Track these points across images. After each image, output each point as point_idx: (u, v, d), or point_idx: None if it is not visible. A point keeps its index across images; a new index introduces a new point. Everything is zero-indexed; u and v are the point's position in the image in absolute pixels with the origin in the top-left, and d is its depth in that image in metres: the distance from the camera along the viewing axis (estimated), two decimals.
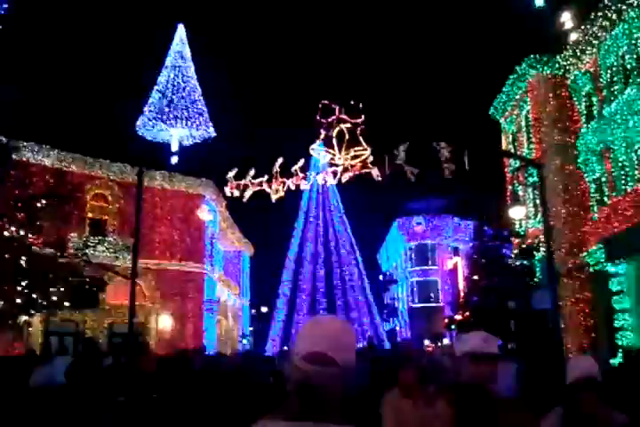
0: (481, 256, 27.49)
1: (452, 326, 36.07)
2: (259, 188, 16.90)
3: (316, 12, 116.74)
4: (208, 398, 5.72)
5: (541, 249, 22.54)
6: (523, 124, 27.06)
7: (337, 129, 14.65)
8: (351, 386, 1.85)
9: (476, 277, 27.98)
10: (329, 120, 14.45)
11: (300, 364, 1.82)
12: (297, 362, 1.83)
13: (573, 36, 23.76)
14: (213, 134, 39.22)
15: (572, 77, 24.21)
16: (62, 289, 16.54)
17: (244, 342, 48.23)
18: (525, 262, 24.45)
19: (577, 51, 23.39)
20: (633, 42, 19.97)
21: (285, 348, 49.07)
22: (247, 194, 16.79)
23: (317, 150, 15.30)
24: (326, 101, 14.50)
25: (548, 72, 24.72)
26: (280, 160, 19.60)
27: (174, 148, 38.19)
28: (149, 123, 37.45)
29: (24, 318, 17.73)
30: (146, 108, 37.98)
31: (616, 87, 21.04)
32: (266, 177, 16.95)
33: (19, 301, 15.35)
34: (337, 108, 14.36)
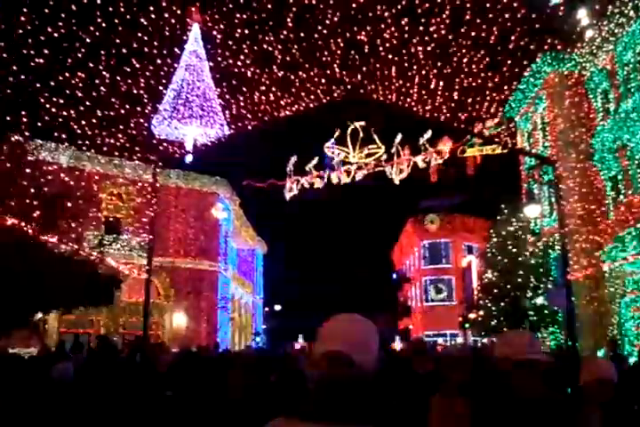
0: (495, 255, 27.34)
1: (466, 325, 35.92)
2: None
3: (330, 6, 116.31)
4: (219, 395, 5.72)
5: (557, 247, 22.40)
6: (538, 121, 26.89)
7: (351, 127, 14.64)
8: (370, 386, 1.83)
9: (490, 276, 27.83)
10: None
11: (318, 362, 1.81)
12: (316, 361, 1.82)
13: (589, 33, 23.56)
14: (228, 133, 39.29)
15: (589, 74, 24.02)
16: (78, 287, 16.63)
17: (258, 339, 48.33)
18: (540, 261, 24.31)
19: (593, 48, 23.19)
20: None
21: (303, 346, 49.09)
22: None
23: (331, 148, 15.29)
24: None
25: (564, 69, 24.53)
26: (294, 159, 19.58)
27: (189, 146, 38.32)
28: (164, 122, 37.58)
29: (40, 315, 17.85)
30: (161, 107, 38.10)
31: (633, 84, 20.84)
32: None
33: (35, 299, 15.45)
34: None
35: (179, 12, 12.60)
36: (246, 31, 13.02)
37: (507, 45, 13.43)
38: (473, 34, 13.01)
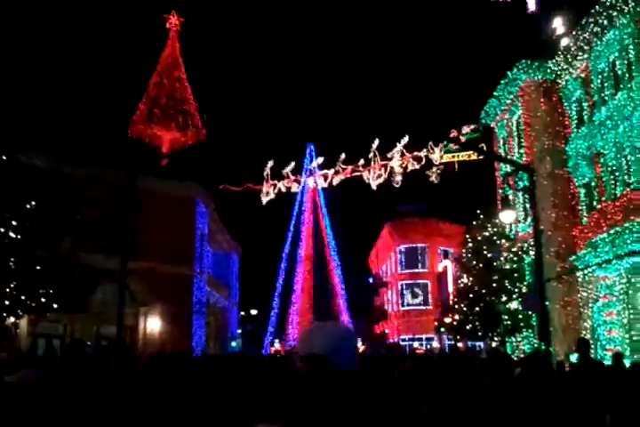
0: (471, 259, 27.57)
1: (442, 329, 36.15)
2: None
3: (314, 12, 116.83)
4: (199, 399, 5.69)
5: (531, 253, 22.63)
6: (514, 128, 27.18)
7: None
8: (347, 388, 1.86)
9: (465, 281, 28.05)
10: None
11: (298, 365, 1.86)
12: (295, 362, 1.87)
13: (565, 42, 23.90)
14: (204, 137, 39.15)
15: (563, 83, 24.36)
16: (51, 291, 16.45)
17: (234, 344, 48.12)
18: (515, 266, 24.55)
19: (568, 56, 23.53)
20: (623, 48, 20.11)
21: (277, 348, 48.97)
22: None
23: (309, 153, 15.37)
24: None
25: (540, 77, 24.86)
26: (270, 163, 19.59)
27: (165, 150, 38.11)
28: (140, 125, 37.30)
29: (12, 319, 17.62)
30: (137, 111, 37.82)
31: (606, 93, 21.18)
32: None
33: (7, 302, 15.27)
34: None
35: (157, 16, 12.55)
36: (224, 35, 12.99)
37: (483, 53, 13.61)
38: (450, 42, 13.15)
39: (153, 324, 30.57)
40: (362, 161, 20.00)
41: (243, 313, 54.87)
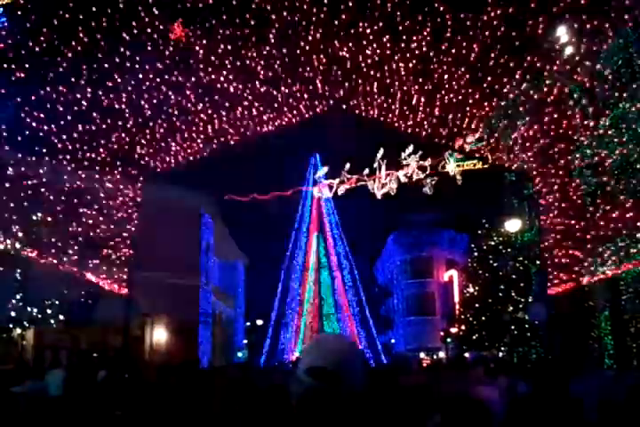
0: (477, 268, 27.49)
1: (448, 339, 35.99)
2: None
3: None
4: (207, 410, 5.69)
5: (537, 262, 22.56)
6: (518, 137, 27.13)
7: None
8: (354, 401, 1.85)
9: (471, 290, 27.96)
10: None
11: (302, 377, 1.85)
12: (299, 376, 1.86)
13: (568, 50, 23.88)
14: (210, 148, 39.22)
15: (568, 91, 24.33)
16: (57, 302, 16.46)
17: (240, 354, 48.01)
18: (521, 275, 24.47)
19: (572, 64, 23.50)
20: (628, 56, 20.09)
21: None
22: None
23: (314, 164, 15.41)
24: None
25: (544, 86, 24.83)
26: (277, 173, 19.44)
27: (170, 160, 38.14)
28: (146, 136, 37.35)
29: (18, 331, 17.62)
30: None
31: (611, 101, 21.15)
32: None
33: (13, 314, 15.28)
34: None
35: (161, 27, 12.65)
36: (229, 47, 13.10)
37: (487, 62, 13.66)
38: (453, 51, 13.20)
39: (159, 335, 30.55)
40: (367, 170, 20.10)
41: (248, 323, 54.77)
